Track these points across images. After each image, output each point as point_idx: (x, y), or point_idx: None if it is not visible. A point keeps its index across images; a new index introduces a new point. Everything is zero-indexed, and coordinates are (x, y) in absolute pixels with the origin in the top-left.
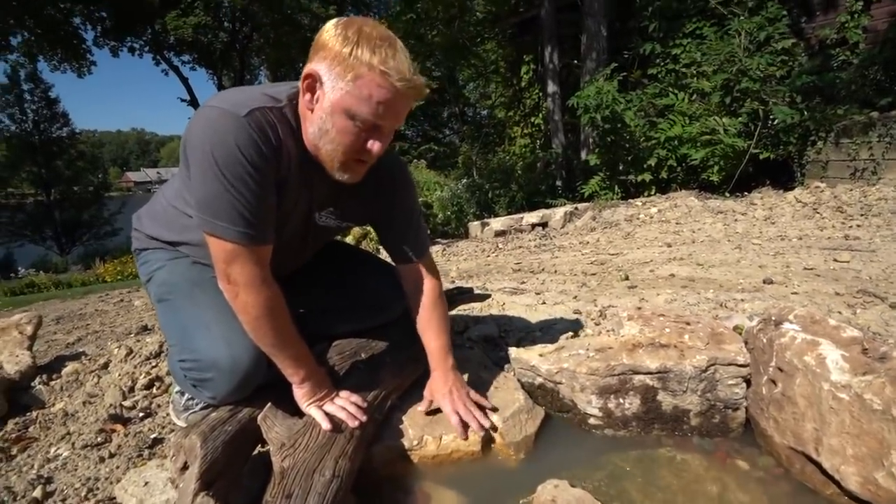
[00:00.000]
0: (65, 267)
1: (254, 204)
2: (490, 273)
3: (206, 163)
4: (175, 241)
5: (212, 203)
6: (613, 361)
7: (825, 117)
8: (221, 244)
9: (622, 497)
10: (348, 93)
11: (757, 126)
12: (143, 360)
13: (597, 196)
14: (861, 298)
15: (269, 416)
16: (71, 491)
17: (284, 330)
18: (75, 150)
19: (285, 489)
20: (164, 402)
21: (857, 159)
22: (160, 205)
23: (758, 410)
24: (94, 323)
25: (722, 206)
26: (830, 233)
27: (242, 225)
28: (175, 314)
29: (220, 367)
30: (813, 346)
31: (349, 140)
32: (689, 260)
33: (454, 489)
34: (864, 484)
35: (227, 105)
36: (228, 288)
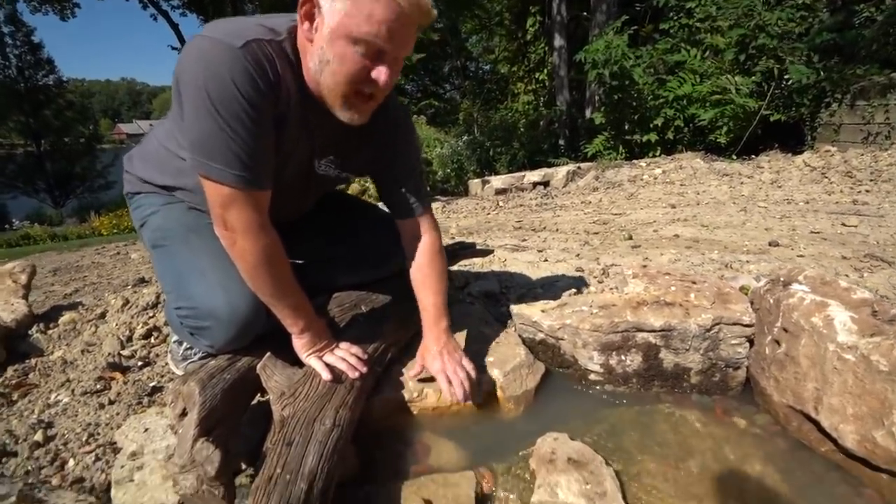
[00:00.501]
0: (60, 220)
1: (251, 144)
2: (491, 230)
3: (200, 99)
4: (169, 185)
5: (206, 143)
6: (617, 318)
7: (843, 77)
8: (217, 188)
9: (620, 451)
10: (347, 13)
11: (770, 86)
12: (141, 311)
13: (600, 156)
14: (868, 262)
15: (268, 366)
16: (72, 435)
17: (283, 278)
18: (63, 100)
19: (286, 437)
20: (162, 352)
21: (872, 123)
22: (152, 146)
23: (758, 370)
24: (91, 275)
25: (728, 168)
26: (838, 197)
27: (239, 167)
28: (170, 260)
29: (218, 316)
30: (821, 307)
31: (351, 69)
32: (693, 221)
33: (454, 441)
34: (862, 442)
35: (222, 35)
36: (225, 234)
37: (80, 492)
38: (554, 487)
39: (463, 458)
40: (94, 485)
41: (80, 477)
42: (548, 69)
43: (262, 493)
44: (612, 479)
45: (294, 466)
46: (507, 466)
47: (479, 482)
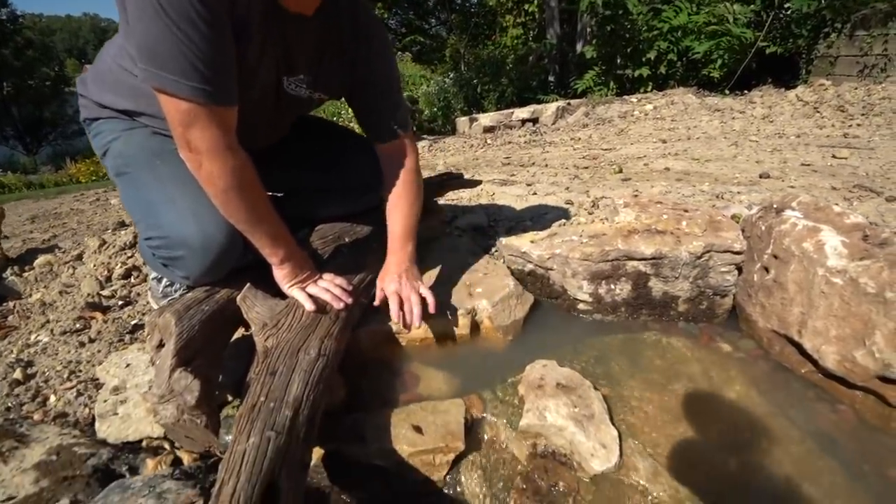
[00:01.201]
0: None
1: (207, 52)
2: (479, 166)
3: (147, 3)
4: (129, 110)
5: (156, 50)
6: (608, 247)
7: (844, 5)
8: (175, 103)
9: (608, 376)
10: None
11: (769, 15)
12: (118, 251)
13: (590, 92)
14: (857, 192)
15: (248, 297)
16: (52, 373)
17: (258, 203)
18: (21, 38)
19: (269, 367)
20: (143, 291)
21: (869, 54)
22: (105, 64)
23: (745, 297)
24: (70, 221)
25: (720, 104)
26: (830, 131)
27: (197, 79)
28: (136, 189)
29: (191, 245)
30: (813, 232)
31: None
32: (684, 155)
33: (442, 370)
34: (842, 361)
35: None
36: (190, 157)
37: (64, 426)
38: (543, 411)
39: (452, 386)
40: (77, 419)
41: (63, 412)
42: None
43: (245, 421)
44: (599, 402)
45: (278, 395)
46: (497, 393)
47: (469, 408)
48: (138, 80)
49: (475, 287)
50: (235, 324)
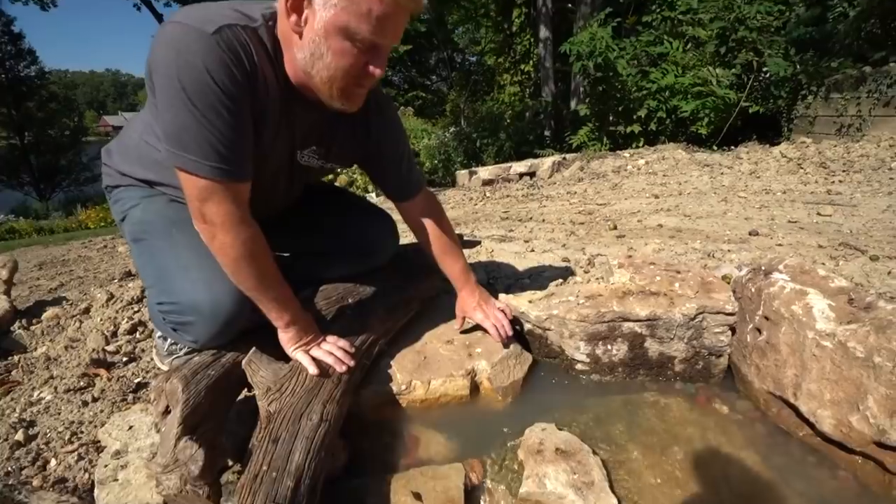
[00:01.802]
0: (45, 213)
1: (228, 135)
2: (478, 221)
3: (173, 89)
4: (150, 180)
5: (181, 135)
6: (603, 308)
7: (818, 71)
8: (193, 180)
9: (607, 439)
10: (344, 9)
11: (750, 78)
12: (126, 305)
13: (585, 147)
14: (843, 251)
15: (253, 361)
16: (54, 434)
17: (266, 271)
18: (46, 92)
19: (272, 433)
20: (147, 347)
21: (845, 115)
22: (131, 139)
23: (740, 357)
24: (77, 269)
25: (709, 159)
26: (814, 187)
27: (216, 159)
28: (151, 255)
29: (201, 311)
30: (801, 295)
31: (348, 63)
32: (676, 211)
33: (443, 432)
34: (838, 426)
35: (193, 21)
36: (204, 228)
37: (63, 492)
38: (542, 478)
39: (452, 449)
40: (76, 485)
41: (63, 477)
42: (533, 61)
43: (247, 492)
44: (599, 468)
45: (280, 464)
46: (496, 458)
47: (468, 474)
48: (161, 157)
49: (474, 347)
50: (240, 387)
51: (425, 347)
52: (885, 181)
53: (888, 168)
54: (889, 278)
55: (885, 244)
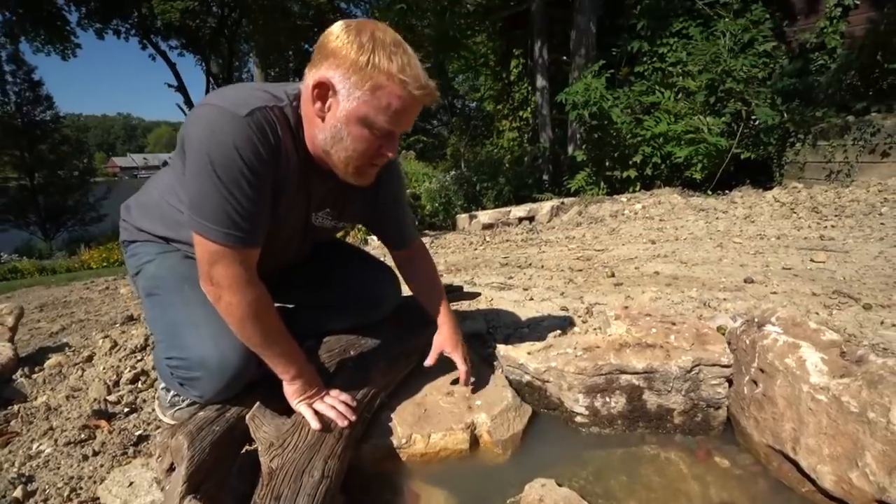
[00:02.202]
0: (49, 253)
1: (246, 207)
2: (478, 267)
3: (202, 163)
4: (167, 237)
5: (202, 204)
6: (601, 361)
7: (804, 119)
8: (206, 244)
9: (608, 495)
10: (366, 102)
11: (739, 126)
12: (129, 354)
13: (583, 191)
14: (837, 299)
15: (257, 416)
16: (53, 490)
17: (271, 328)
18: (59, 135)
19: (274, 490)
20: (149, 398)
21: (833, 161)
22: (152, 198)
23: (738, 409)
24: (78, 311)
25: (704, 203)
26: (807, 233)
27: (230, 227)
28: (163, 310)
29: (208, 367)
30: (794, 348)
31: (365, 147)
32: (672, 257)
33: (443, 488)
34: (839, 483)
35: (228, 104)
36: (210, 290)
37: None
38: None
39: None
40: None
41: None
42: (531, 108)
43: None
44: None
45: None
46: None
47: None
48: (182, 219)
49: (474, 399)
50: (243, 442)
51: (425, 399)
52: (875, 226)
53: (878, 213)
54: (882, 328)
55: (877, 292)
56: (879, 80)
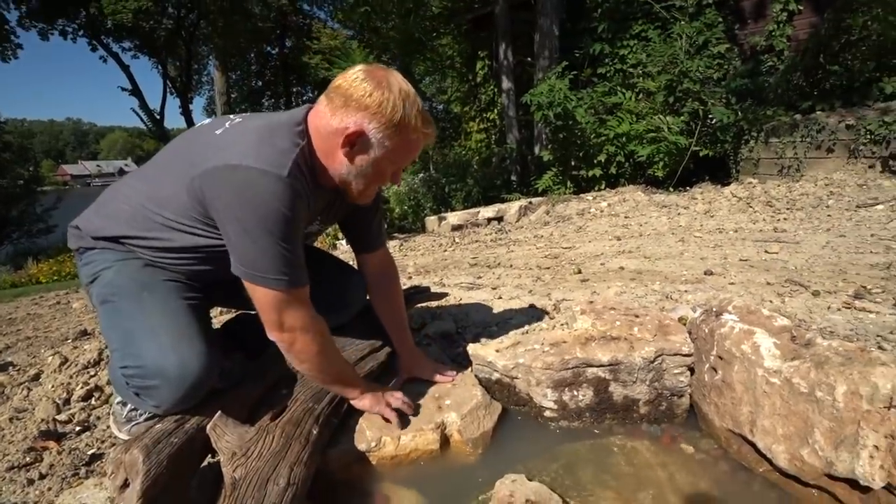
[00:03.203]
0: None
1: (296, 252)
2: (447, 268)
3: (257, 228)
4: (141, 236)
5: (261, 259)
6: (567, 355)
7: (756, 118)
8: (270, 294)
9: (577, 487)
10: (394, 150)
11: (697, 125)
12: (81, 370)
13: (550, 191)
14: (788, 287)
15: (218, 425)
16: None
17: (338, 355)
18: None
19: (237, 501)
20: (104, 414)
21: (784, 157)
22: (126, 206)
23: (700, 396)
24: (25, 328)
25: (666, 200)
26: (762, 225)
27: (289, 273)
28: (118, 317)
29: (167, 375)
30: (749, 335)
31: (382, 181)
32: (637, 253)
33: (413, 489)
34: (792, 460)
35: (268, 165)
36: (284, 336)
37: None
38: None
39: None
40: None
41: None
42: (498, 109)
43: None
44: None
45: None
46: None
47: None
48: (167, 222)
49: (444, 399)
50: (204, 453)
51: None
52: (823, 218)
53: (825, 206)
54: (829, 313)
55: (825, 279)
56: (822, 80)
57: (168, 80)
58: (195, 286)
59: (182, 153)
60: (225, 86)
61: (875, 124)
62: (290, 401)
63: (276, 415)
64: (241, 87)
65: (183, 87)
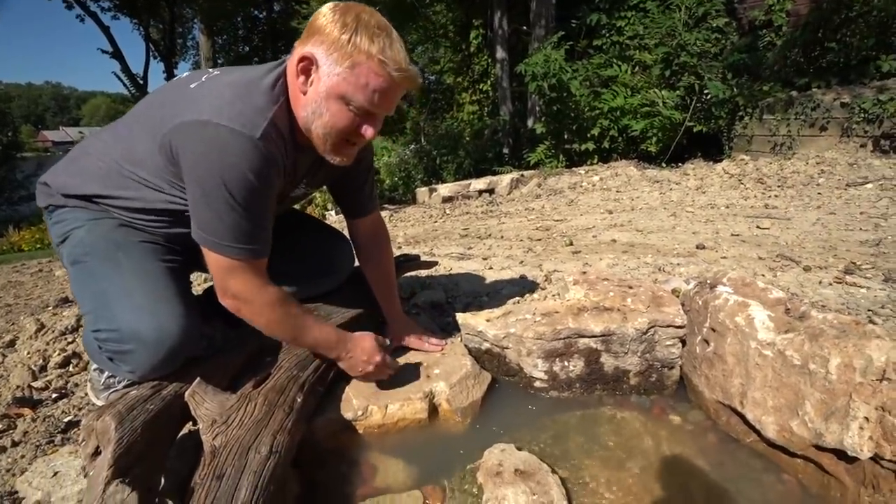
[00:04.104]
0: None
1: (258, 222)
2: (437, 239)
3: (216, 190)
4: (115, 195)
5: (216, 224)
6: (559, 325)
7: (752, 94)
8: (220, 259)
9: (567, 457)
10: (345, 79)
11: (693, 100)
12: (58, 336)
13: (542, 164)
14: (780, 262)
15: (197, 392)
16: None
17: (298, 319)
18: None
19: (216, 470)
20: (82, 381)
21: (777, 135)
22: (100, 163)
23: (691, 368)
24: (6, 296)
25: (658, 175)
26: (753, 202)
27: (244, 242)
28: (91, 278)
29: (143, 339)
30: (743, 307)
31: (343, 124)
32: (629, 226)
33: (401, 458)
34: (781, 431)
35: (239, 124)
36: (229, 302)
37: None
38: (501, 501)
39: (410, 476)
40: None
41: None
42: (491, 80)
43: None
44: (558, 487)
45: (224, 502)
46: (455, 482)
47: (427, 500)
48: (145, 182)
49: (433, 368)
50: (182, 421)
51: None
52: (813, 196)
53: (816, 184)
54: (820, 287)
55: (815, 255)
56: (820, 57)
57: (151, 43)
58: (174, 248)
59: (155, 107)
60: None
61: (869, 103)
62: (274, 368)
63: (259, 382)
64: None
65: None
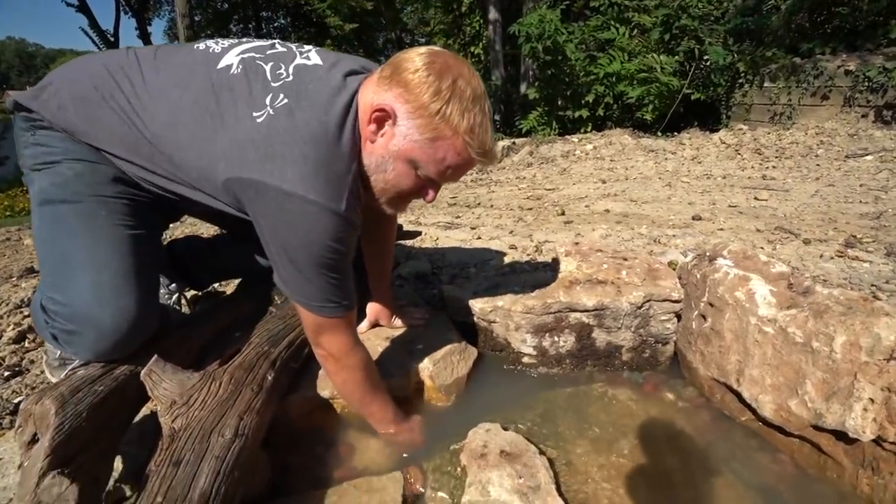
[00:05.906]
0: None
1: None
2: (424, 207)
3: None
4: (135, 162)
5: (307, 288)
6: (550, 299)
7: (754, 60)
8: (312, 317)
9: (555, 436)
10: (421, 148)
11: (692, 66)
12: (13, 309)
13: (534, 131)
14: (779, 235)
15: (155, 370)
16: None
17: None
18: None
19: (174, 455)
20: (38, 358)
21: (777, 104)
22: (125, 128)
23: (686, 344)
24: None
25: (653, 144)
26: (750, 173)
27: (336, 300)
28: (60, 232)
29: (98, 324)
30: (744, 281)
31: (406, 186)
32: (622, 196)
33: (380, 439)
34: (778, 410)
35: (325, 198)
36: (319, 353)
37: None
38: (486, 485)
39: (390, 457)
40: None
41: None
42: (483, 43)
43: None
44: (545, 469)
45: (181, 491)
46: (438, 464)
47: (408, 483)
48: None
49: (416, 343)
50: (139, 404)
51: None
52: (812, 167)
53: (815, 155)
54: (821, 261)
55: (815, 228)
56: (826, 22)
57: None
58: (162, 205)
59: (208, 119)
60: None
61: (875, 71)
62: (244, 344)
63: (227, 360)
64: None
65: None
